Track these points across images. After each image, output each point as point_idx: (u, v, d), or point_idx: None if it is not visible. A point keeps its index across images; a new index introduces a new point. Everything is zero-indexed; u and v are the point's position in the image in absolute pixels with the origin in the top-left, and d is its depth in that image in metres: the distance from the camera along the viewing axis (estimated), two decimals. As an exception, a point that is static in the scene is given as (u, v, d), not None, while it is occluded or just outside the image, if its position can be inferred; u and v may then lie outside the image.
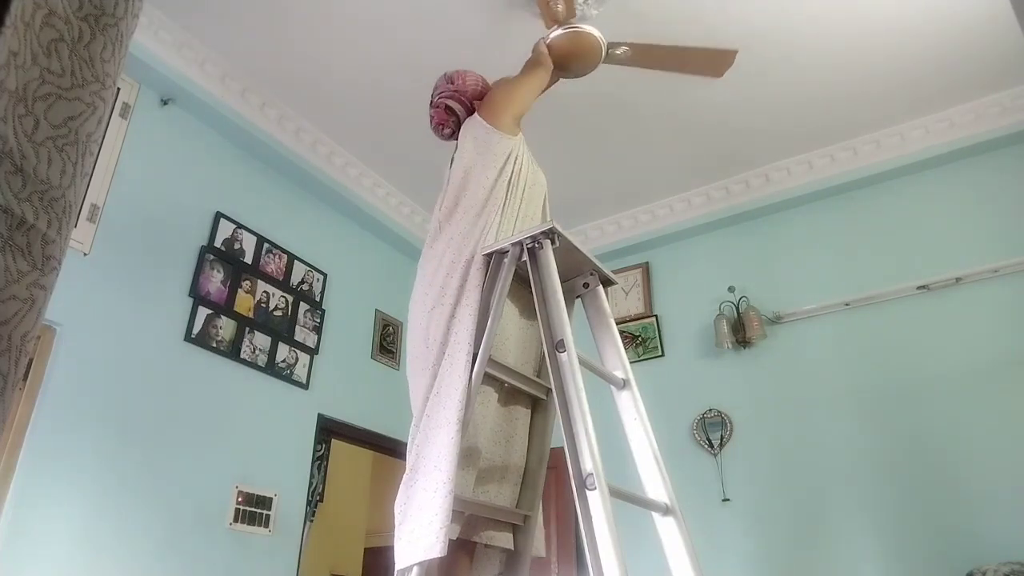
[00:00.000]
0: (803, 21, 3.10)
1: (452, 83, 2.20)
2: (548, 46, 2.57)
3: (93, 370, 2.73)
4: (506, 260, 1.74)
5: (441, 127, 2.21)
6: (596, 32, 2.62)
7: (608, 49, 2.68)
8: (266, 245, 3.63)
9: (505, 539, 1.76)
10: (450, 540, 1.65)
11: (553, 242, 1.72)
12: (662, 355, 4.21)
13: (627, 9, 3.01)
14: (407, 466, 1.60)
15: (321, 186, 3.97)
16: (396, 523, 1.54)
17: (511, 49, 2.96)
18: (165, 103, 3.30)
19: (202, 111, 3.42)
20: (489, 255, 1.78)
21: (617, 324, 1.95)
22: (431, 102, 2.23)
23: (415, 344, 1.76)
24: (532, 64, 2.42)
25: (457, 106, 2.17)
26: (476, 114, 2.07)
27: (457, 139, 2.10)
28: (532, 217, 2.05)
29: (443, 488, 1.46)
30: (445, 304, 1.73)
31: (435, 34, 3.18)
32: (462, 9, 3.05)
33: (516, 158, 2.01)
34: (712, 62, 2.83)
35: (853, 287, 3.70)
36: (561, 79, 2.69)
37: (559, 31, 2.61)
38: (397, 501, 1.56)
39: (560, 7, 2.58)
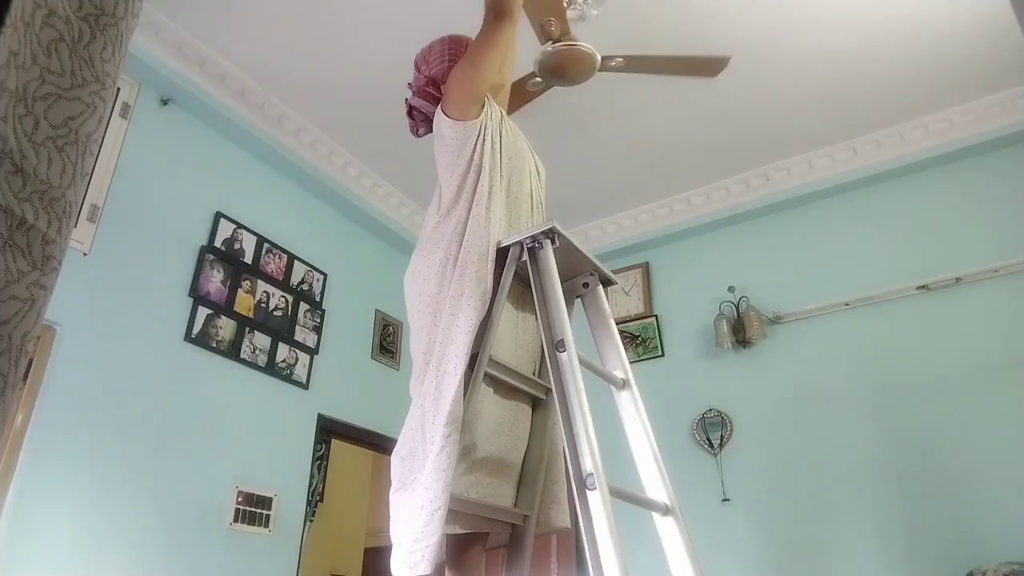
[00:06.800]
0: (803, 21, 3.10)
1: (419, 71, 2.04)
2: (543, 54, 2.54)
3: (93, 370, 2.73)
4: (506, 260, 1.74)
5: (413, 130, 2.07)
6: (590, 48, 2.65)
7: (602, 61, 2.70)
8: (266, 245, 3.63)
9: (505, 525, 1.77)
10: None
11: (553, 242, 1.71)
12: (662, 355, 4.21)
13: (627, 9, 3.01)
14: (394, 475, 1.57)
15: (321, 186, 3.97)
16: (391, 520, 1.53)
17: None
18: (165, 103, 3.30)
19: (202, 111, 3.42)
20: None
21: (617, 324, 1.95)
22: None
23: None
24: (488, 20, 1.98)
25: (421, 102, 2.01)
26: (440, 110, 1.90)
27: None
28: (519, 190, 1.94)
29: (431, 505, 1.43)
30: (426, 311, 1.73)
31: (435, 34, 3.17)
32: (462, 9, 3.05)
33: (481, 135, 1.85)
34: (706, 67, 2.85)
35: (853, 287, 3.70)
36: (555, 86, 2.71)
37: (552, 48, 2.64)
38: (391, 503, 1.55)
39: (554, 27, 2.59)
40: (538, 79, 2.75)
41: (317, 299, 3.86)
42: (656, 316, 4.33)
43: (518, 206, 1.93)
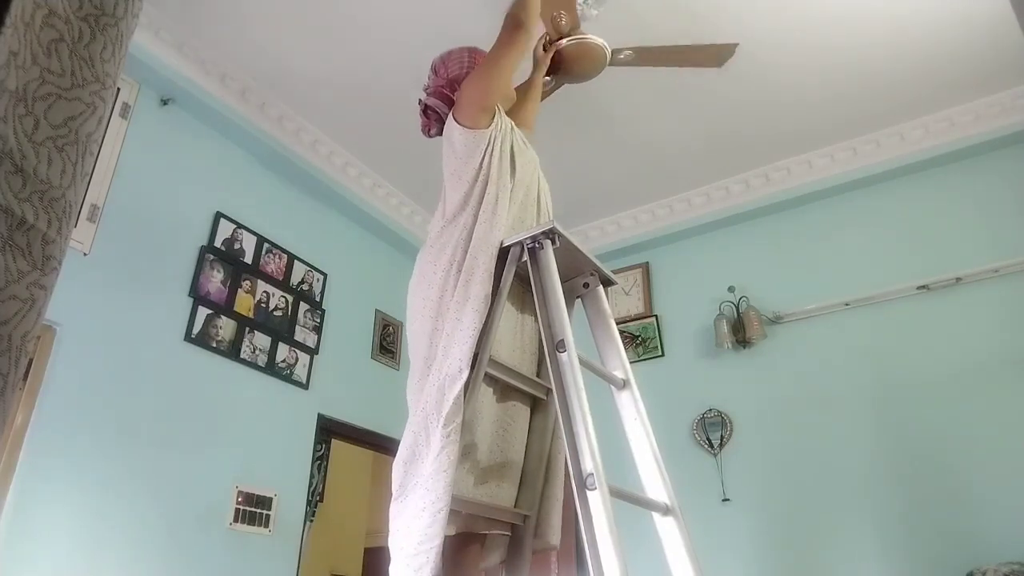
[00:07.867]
0: (803, 20, 3.10)
1: (437, 74, 2.07)
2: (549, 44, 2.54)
3: (93, 370, 2.73)
4: (507, 260, 1.74)
5: (426, 129, 2.11)
6: (600, 40, 2.63)
7: (612, 54, 2.69)
8: (266, 245, 3.63)
9: (504, 527, 1.77)
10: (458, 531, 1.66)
11: (553, 242, 1.71)
12: (662, 355, 4.21)
13: (627, 8, 3.01)
14: (395, 482, 1.56)
15: (321, 186, 3.97)
16: (390, 530, 1.53)
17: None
18: (165, 103, 3.30)
19: (202, 111, 3.42)
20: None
21: (617, 324, 1.95)
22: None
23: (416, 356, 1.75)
24: (504, 31, 1.99)
25: (437, 102, 2.04)
26: (451, 116, 1.91)
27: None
28: (525, 198, 1.94)
29: (433, 506, 1.44)
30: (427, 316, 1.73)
31: (435, 34, 3.18)
32: (463, 8, 3.05)
33: (491, 145, 1.86)
34: (712, 56, 2.84)
35: (853, 287, 3.69)
36: (565, 83, 2.70)
37: (564, 42, 2.62)
38: (391, 512, 1.55)
39: (563, 20, 2.58)
40: (547, 77, 2.73)
41: (317, 299, 3.86)
42: (656, 316, 4.33)
43: (524, 214, 1.93)
